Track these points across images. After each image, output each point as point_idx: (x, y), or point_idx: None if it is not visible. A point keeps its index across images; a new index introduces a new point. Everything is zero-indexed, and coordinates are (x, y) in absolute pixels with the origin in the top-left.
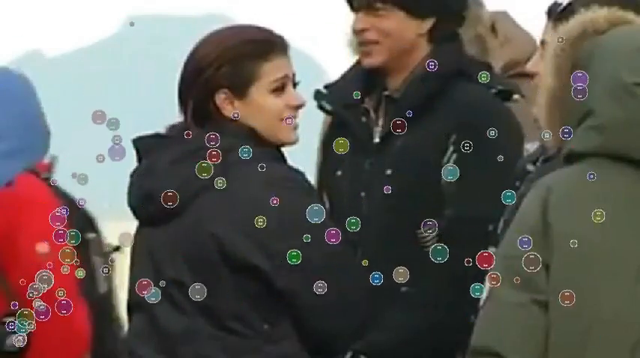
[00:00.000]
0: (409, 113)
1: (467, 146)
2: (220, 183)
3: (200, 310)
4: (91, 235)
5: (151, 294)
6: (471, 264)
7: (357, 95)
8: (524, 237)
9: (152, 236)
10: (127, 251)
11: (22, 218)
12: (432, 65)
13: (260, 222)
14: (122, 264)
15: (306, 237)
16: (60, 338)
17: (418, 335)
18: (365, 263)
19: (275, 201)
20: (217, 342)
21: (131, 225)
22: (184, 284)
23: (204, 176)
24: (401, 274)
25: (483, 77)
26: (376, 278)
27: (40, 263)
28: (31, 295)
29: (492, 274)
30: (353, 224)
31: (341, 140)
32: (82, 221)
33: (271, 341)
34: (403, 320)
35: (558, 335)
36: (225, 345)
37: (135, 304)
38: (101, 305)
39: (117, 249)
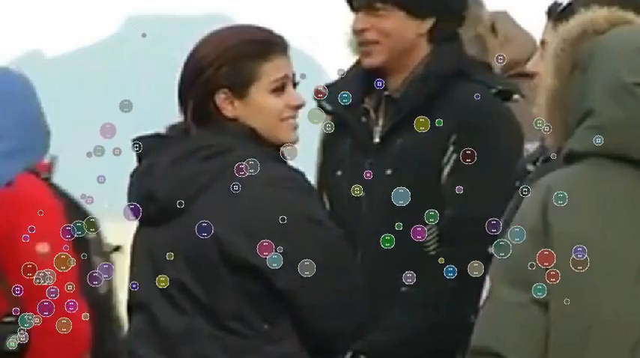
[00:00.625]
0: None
1: (467, 146)
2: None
3: (200, 310)
4: (91, 235)
5: (272, 259)
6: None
7: (346, 99)
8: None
9: (152, 236)
10: (127, 251)
11: (22, 218)
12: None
13: (260, 221)
14: (122, 264)
15: (306, 237)
16: (60, 338)
17: (418, 335)
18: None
19: (275, 201)
20: (217, 342)
21: (131, 225)
22: (184, 284)
23: (422, 129)
24: (476, 268)
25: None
26: (450, 272)
27: (40, 263)
28: (38, 282)
29: (552, 271)
30: (387, 241)
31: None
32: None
33: (271, 341)
34: (403, 320)
35: (558, 335)
36: (225, 345)
37: (135, 304)
38: (101, 305)
39: (117, 249)
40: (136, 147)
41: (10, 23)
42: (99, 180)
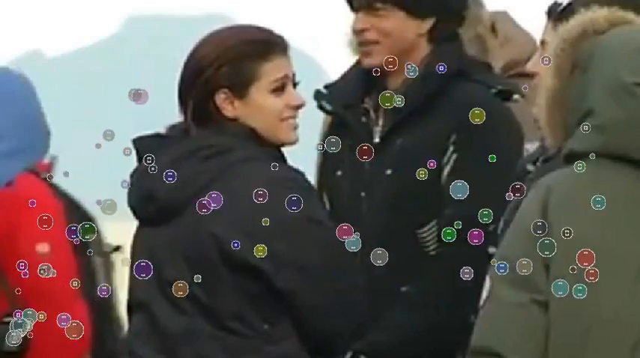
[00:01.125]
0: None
1: (467, 146)
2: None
3: (200, 310)
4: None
5: (351, 242)
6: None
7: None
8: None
9: (152, 236)
10: (127, 251)
11: (22, 218)
12: (441, 68)
13: (260, 221)
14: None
15: (306, 237)
16: (60, 338)
17: (418, 335)
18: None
19: (275, 201)
20: (217, 342)
21: (131, 225)
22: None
23: (477, 121)
24: (524, 266)
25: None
26: (502, 268)
27: (40, 263)
28: (42, 273)
29: (591, 270)
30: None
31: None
32: (82, 221)
33: (271, 341)
34: (403, 320)
35: (558, 335)
36: (225, 345)
37: (135, 304)
38: (101, 305)
39: (117, 248)
40: (149, 160)
41: (10, 23)
42: (122, 185)
